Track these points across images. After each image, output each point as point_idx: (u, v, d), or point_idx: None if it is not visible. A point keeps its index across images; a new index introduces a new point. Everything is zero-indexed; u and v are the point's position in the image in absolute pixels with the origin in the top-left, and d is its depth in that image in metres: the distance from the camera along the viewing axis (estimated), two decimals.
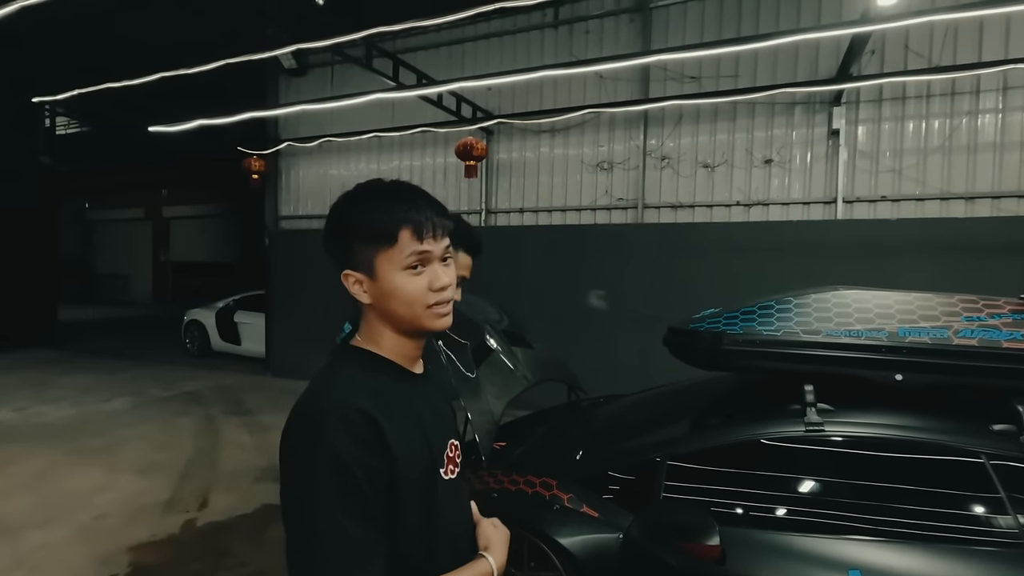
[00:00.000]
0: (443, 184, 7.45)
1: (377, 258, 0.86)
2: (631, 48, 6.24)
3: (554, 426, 3.16)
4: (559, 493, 2.24)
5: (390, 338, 0.91)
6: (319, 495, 0.77)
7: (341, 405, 0.80)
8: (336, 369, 0.89)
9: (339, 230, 0.89)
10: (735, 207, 5.92)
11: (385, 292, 0.87)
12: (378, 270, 0.86)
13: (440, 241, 0.90)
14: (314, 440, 0.79)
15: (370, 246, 0.86)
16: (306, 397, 0.86)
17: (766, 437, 2.08)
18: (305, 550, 0.78)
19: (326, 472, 0.76)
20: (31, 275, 10.19)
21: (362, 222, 0.87)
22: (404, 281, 0.86)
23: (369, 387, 0.85)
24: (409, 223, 0.86)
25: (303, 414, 0.84)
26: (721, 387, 2.77)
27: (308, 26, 5.47)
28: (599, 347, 5.93)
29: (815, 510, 1.94)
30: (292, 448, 0.82)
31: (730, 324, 2.43)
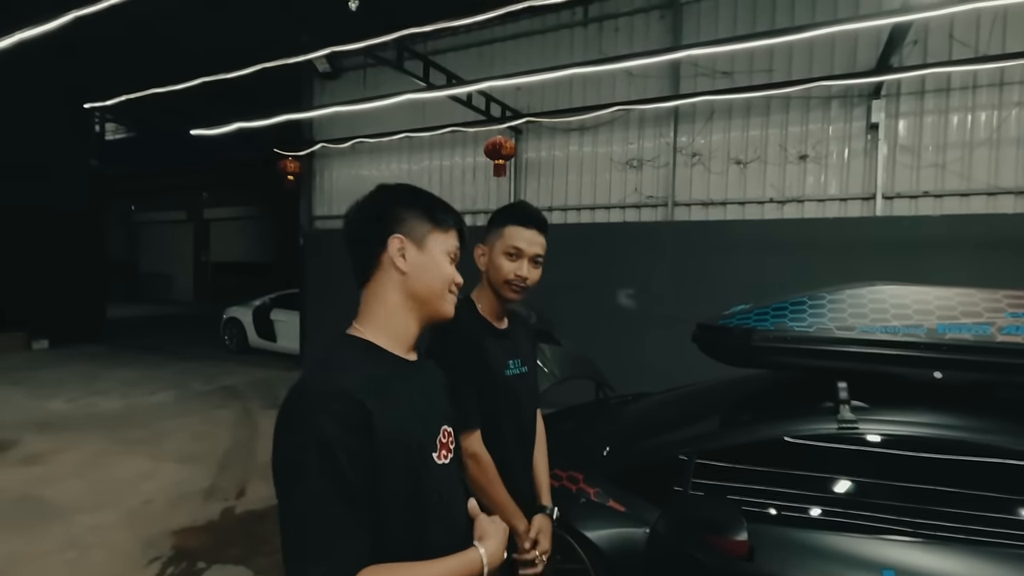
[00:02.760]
0: (472, 183, 7.52)
1: (431, 235, 1.00)
2: (661, 44, 6.18)
3: (581, 423, 3.16)
4: (586, 487, 2.25)
5: (398, 318, 0.98)
6: (303, 473, 0.82)
7: (327, 389, 0.85)
8: (330, 355, 0.93)
9: (400, 200, 1.00)
10: (768, 204, 5.80)
11: (425, 263, 0.98)
12: (427, 244, 0.99)
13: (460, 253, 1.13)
14: (300, 422, 0.84)
15: (428, 223, 1.00)
16: (299, 382, 0.89)
17: (797, 434, 2.05)
18: (292, 524, 0.82)
19: (310, 452, 0.82)
20: (82, 274, 10.70)
21: (427, 203, 1.03)
22: (443, 260, 1.01)
23: (360, 372, 0.89)
24: (461, 226, 1.08)
25: (293, 398, 0.87)
26: (751, 385, 2.73)
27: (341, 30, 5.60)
28: (628, 346, 5.89)
29: (847, 509, 1.90)
30: (282, 429, 0.86)
31: (761, 320, 2.40)
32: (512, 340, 1.66)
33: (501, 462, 1.55)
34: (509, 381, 1.60)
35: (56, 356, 9.11)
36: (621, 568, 2.06)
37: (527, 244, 1.56)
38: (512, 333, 1.67)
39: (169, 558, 3.03)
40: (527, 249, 1.56)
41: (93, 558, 3.01)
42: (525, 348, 1.72)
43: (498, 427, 1.58)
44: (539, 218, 1.62)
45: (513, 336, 1.67)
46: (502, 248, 1.55)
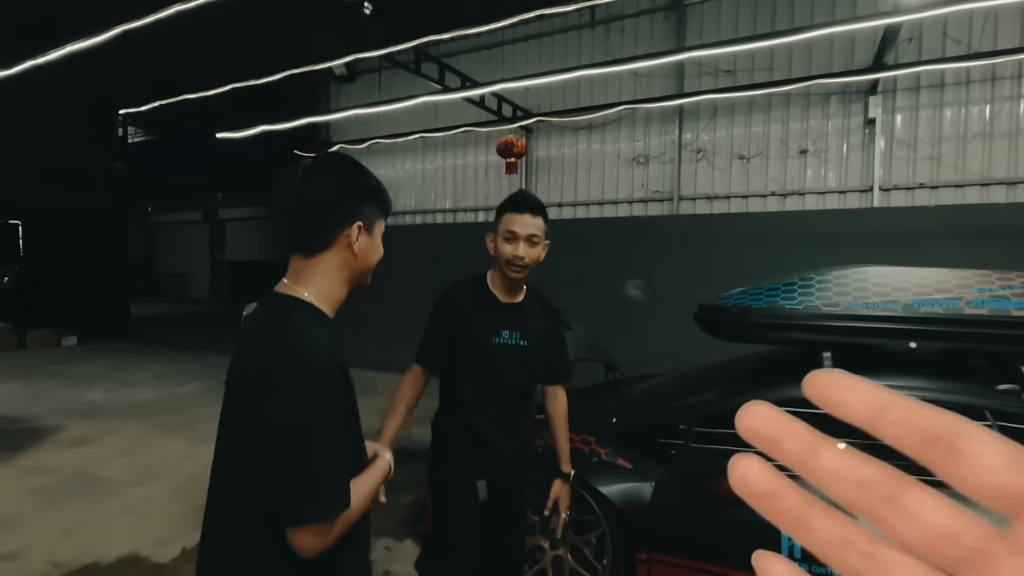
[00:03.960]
0: (484, 181, 7.78)
1: (378, 222, 1.14)
2: (666, 45, 6.42)
3: (592, 399, 3.43)
4: (597, 448, 2.52)
5: (340, 289, 1.11)
6: (319, 429, 0.95)
7: (328, 362, 1.00)
8: (304, 320, 1.02)
9: (361, 192, 1.10)
10: (770, 197, 6.03)
11: (371, 246, 1.12)
12: (374, 230, 1.13)
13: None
14: (310, 388, 0.95)
15: (378, 213, 1.14)
16: (294, 347, 0.97)
17: (784, 399, 2.30)
18: (310, 470, 0.94)
19: (323, 412, 0.96)
20: (108, 273, 11.09)
21: (378, 194, 1.15)
22: (379, 242, 1.16)
23: (331, 341, 1.04)
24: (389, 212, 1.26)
25: (296, 368, 0.95)
26: (748, 360, 2.98)
27: (357, 34, 5.89)
28: (636, 333, 6.14)
29: None
30: (291, 393, 0.94)
31: (755, 300, 2.65)
32: (517, 314, 1.83)
33: (464, 417, 1.79)
34: (495, 348, 1.78)
35: (86, 351, 9.50)
36: (629, 517, 2.33)
37: (521, 227, 1.74)
38: (521, 308, 1.84)
39: None
40: (521, 232, 1.74)
41: (150, 523, 3.32)
42: (533, 324, 1.86)
43: (470, 382, 1.79)
44: (532, 202, 1.78)
45: (521, 311, 1.84)
46: (501, 233, 1.76)
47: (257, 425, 0.95)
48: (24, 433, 5.00)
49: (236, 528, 1.01)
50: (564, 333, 2.05)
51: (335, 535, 0.97)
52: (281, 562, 0.98)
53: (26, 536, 3.15)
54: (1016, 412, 1.99)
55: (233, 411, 1.02)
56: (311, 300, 1.06)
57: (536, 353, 1.87)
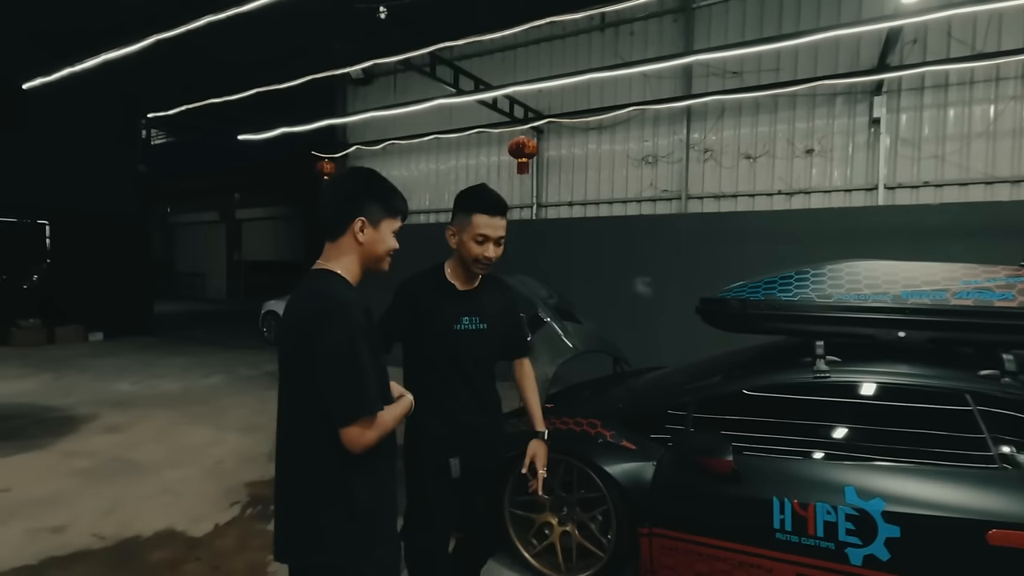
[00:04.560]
0: (496, 181, 7.97)
1: (384, 220, 1.44)
2: (675, 47, 6.56)
3: (600, 389, 3.59)
4: (603, 430, 2.68)
5: (354, 267, 1.44)
6: (357, 349, 1.28)
7: (358, 304, 1.34)
8: (337, 286, 1.37)
9: (366, 192, 1.43)
10: (777, 196, 6.14)
11: (376, 239, 1.43)
12: (380, 226, 1.44)
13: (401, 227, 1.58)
14: (348, 321, 1.30)
15: (383, 211, 1.43)
16: (336, 301, 1.31)
17: (779, 383, 2.45)
18: (354, 380, 1.27)
19: (359, 336, 1.30)
20: (132, 272, 11.46)
21: (384, 195, 1.45)
22: (388, 236, 1.46)
23: (358, 295, 1.38)
24: (405, 213, 1.52)
25: (337, 308, 1.30)
26: (749, 351, 3.13)
27: (372, 38, 6.09)
28: (644, 328, 6.29)
29: (818, 441, 2.31)
30: (335, 323, 1.29)
31: (754, 292, 2.80)
32: (475, 300, 1.97)
33: (436, 402, 1.91)
34: (458, 335, 1.91)
35: (112, 346, 9.84)
36: (633, 494, 2.49)
37: (492, 230, 1.85)
38: (477, 294, 1.99)
39: (247, 502, 3.55)
40: (492, 234, 1.85)
41: (185, 501, 3.55)
42: (490, 307, 2.00)
43: (434, 369, 1.93)
44: (502, 204, 1.90)
45: (478, 297, 1.98)
46: (471, 234, 1.85)
47: (316, 353, 1.28)
48: (61, 421, 5.28)
49: (300, 439, 1.36)
50: (518, 309, 2.22)
51: (374, 436, 1.30)
52: (333, 459, 1.32)
53: (71, 512, 3.38)
54: (996, 396, 2.12)
55: (292, 349, 1.36)
56: (339, 271, 1.41)
57: (496, 334, 2.03)
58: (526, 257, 7.03)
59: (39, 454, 4.38)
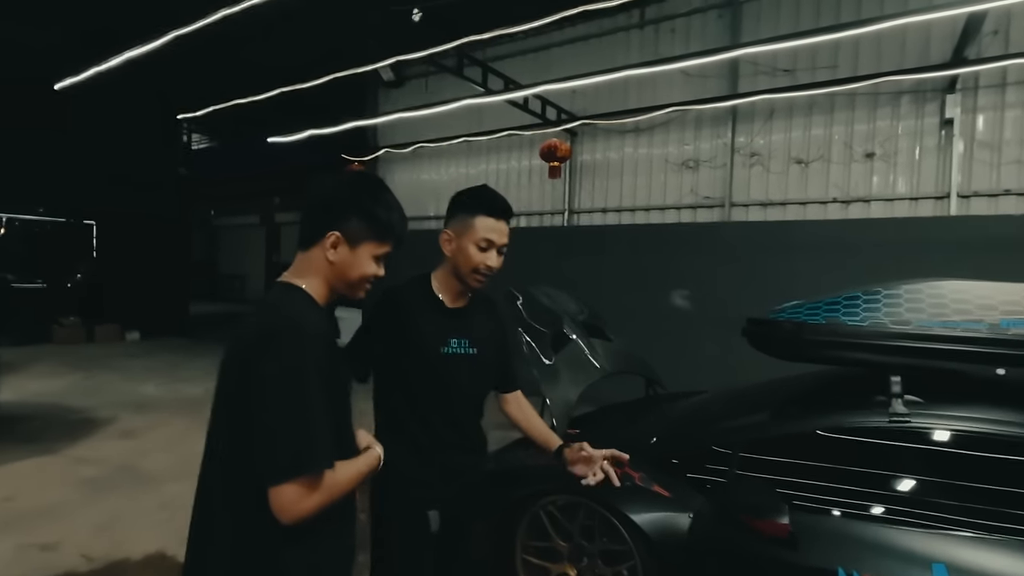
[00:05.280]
0: (527, 186, 7.67)
1: (366, 243, 1.17)
2: (719, 44, 6.13)
3: (629, 415, 3.22)
4: (630, 471, 2.32)
5: (322, 285, 1.19)
6: (306, 389, 1.02)
7: (315, 331, 1.09)
8: (296, 300, 1.14)
9: (353, 204, 1.16)
10: (832, 204, 5.62)
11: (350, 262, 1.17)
12: (359, 248, 1.17)
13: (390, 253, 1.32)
14: (299, 351, 1.04)
15: (367, 232, 1.17)
16: (290, 324, 1.06)
17: (846, 427, 2.05)
18: (296, 427, 1.00)
19: (312, 370, 1.03)
20: (170, 273, 11.67)
21: (373, 214, 1.17)
22: (367, 262, 1.19)
23: (319, 319, 1.13)
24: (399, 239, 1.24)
25: (289, 334, 1.04)
26: (802, 381, 2.71)
27: (405, 40, 5.91)
28: (682, 346, 5.85)
29: (897, 503, 1.89)
30: (280, 354, 1.02)
31: (812, 315, 2.40)
32: (464, 320, 1.66)
33: (419, 438, 1.59)
34: (445, 360, 1.60)
35: (146, 346, 9.97)
36: (664, 550, 2.12)
37: (498, 236, 1.59)
38: (467, 313, 1.68)
39: None
40: (498, 240, 1.59)
41: (181, 520, 3.33)
42: (481, 329, 1.70)
43: (412, 399, 1.61)
44: (509, 208, 1.64)
45: (467, 316, 1.68)
46: (473, 239, 1.57)
47: (251, 383, 1.02)
48: (80, 424, 5.23)
49: (220, 498, 1.08)
50: (510, 335, 1.92)
51: (314, 503, 0.99)
52: (255, 537, 1.02)
53: (65, 527, 3.23)
54: None
55: (228, 379, 1.09)
56: (305, 287, 1.17)
57: (487, 361, 1.72)
58: (554, 266, 6.69)
59: (49, 460, 4.29)
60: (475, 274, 1.59)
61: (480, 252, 1.57)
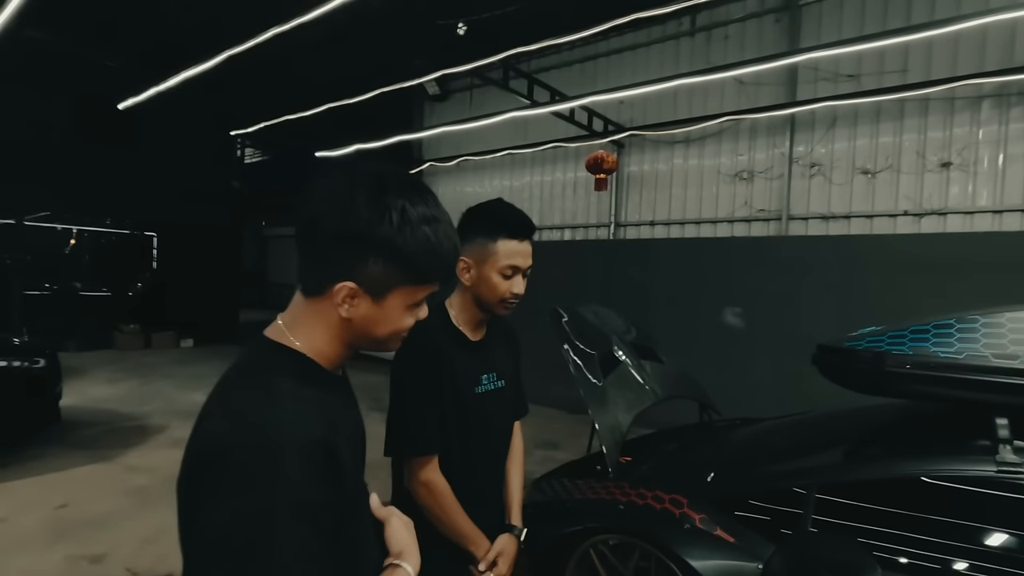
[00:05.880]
0: (572, 198, 7.53)
1: (397, 290, 0.80)
2: (777, 50, 5.84)
3: (684, 445, 3.02)
4: (690, 512, 2.13)
5: (335, 345, 0.82)
6: (278, 546, 0.64)
7: (312, 438, 0.70)
8: (279, 381, 0.74)
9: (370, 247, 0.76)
10: (902, 217, 5.23)
11: (376, 318, 0.81)
12: (388, 298, 0.80)
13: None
14: (276, 481, 0.65)
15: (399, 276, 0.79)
16: (246, 422, 0.69)
17: (943, 475, 1.80)
18: None
19: (287, 519, 0.65)
20: (223, 282, 12.12)
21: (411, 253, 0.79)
22: (401, 314, 0.83)
23: (317, 406, 0.75)
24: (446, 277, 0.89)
25: (247, 445, 0.67)
26: (882, 416, 2.45)
27: (451, 54, 5.90)
28: (736, 368, 5.54)
29: (1006, 565, 1.63)
30: (234, 488, 0.66)
31: (896, 343, 2.16)
32: (487, 352, 1.52)
33: (472, 488, 1.44)
34: (481, 399, 1.47)
35: (198, 353, 10.31)
36: None
37: (523, 259, 1.41)
38: (488, 344, 1.53)
39: None
40: (523, 264, 1.41)
41: None
42: (503, 359, 1.57)
43: (467, 451, 1.44)
44: (531, 224, 1.45)
45: (489, 347, 1.54)
46: (496, 267, 1.39)
47: (191, 533, 0.69)
48: (133, 431, 5.38)
49: None
50: (520, 358, 1.71)
51: None
52: None
53: (114, 538, 3.27)
54: None
55: (179, 509, 0.74)
56: (302, 349, 0.80)
57: (513, 393, 1.61)
58: (600, 281, 6.51)
59: (103, 467, 4.41)
60: (502, 304, 1.44)
61: (505, 280, 1.40)
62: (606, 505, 2.31)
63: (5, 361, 4.32)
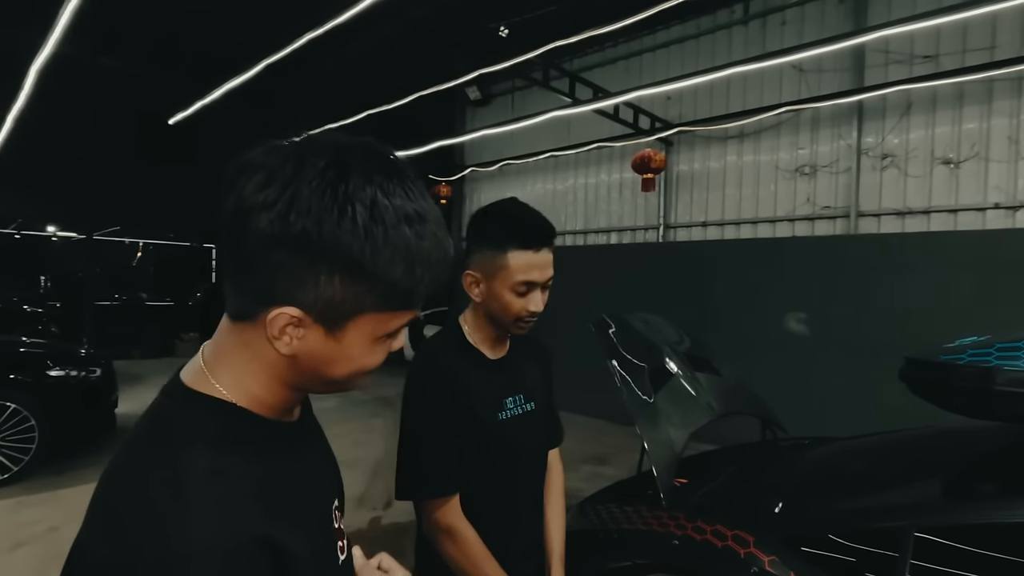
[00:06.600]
0: (619, 200, 7.24)
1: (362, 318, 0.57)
2: (840, 32, 5.40)
3: (746, 468, 2.71)
4: (758, 553, 1.84)
5: (274, 392, 0.60)
6: None
7: (219, 542, 0.49)
8: (180, 461, 0.52)
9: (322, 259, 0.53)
10: (992, 211, 4.69)
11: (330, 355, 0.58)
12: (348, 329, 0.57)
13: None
14: None
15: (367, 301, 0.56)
16: (128, 544, 0.49)
17: None
18: None
19: None
20: None
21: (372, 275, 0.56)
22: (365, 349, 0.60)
23: (247, 484, 0.54)
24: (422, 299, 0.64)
25: (138, 563, 0.48)
26: (994, 440, 2.09)
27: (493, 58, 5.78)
28: (800, 379, 5.10)
29: None
30: None
31: (1008, 358, 1.82)
32: (511, 371, 1.32)
33: (502, 531, 1.24)
34: (506, 426, 1.26)
35: None
36: None
37: (540, 273, 1.18)
38: (512, 362, 1.33)
39: None
40: (541, 278, 1.19)
41: None
42: (531, 377, 1.37)
43: (493, 488, 1.25)
44: (549, 229, 1.21)
45: (513, 365, 1.33)
46: (508, 282, 1.17)
47: None
48: None
49: None
50: (552, 376, 1.48)
51: None
52: None
53: None
54: None
55: None
56: (228, 396, 0.57)
57: (545, 416, 1.39)
58: (649, 287, 6.18)
59: None
60: (518, 323, 1.22)
61: (519, 298, 1.18)
62: (659, 538, 2.05)
63: (63, 371, 4.46)
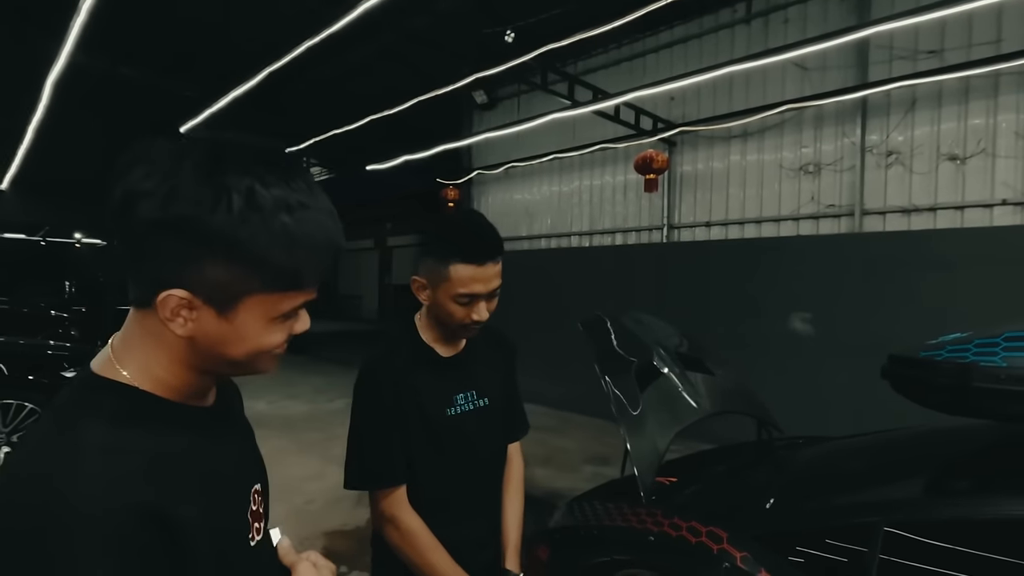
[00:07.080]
0: (623, 202, 7.24)
1: (253, 299, 0.61)
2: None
3: (734, 467, 2.71)
4: (730, 548, 1.85)
5: (177, 375, 0.64)
6: None
7: (107, 508, 0.51)
8: (80, 434, 0.55)
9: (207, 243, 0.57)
10: (999, 208, 4.60)
11: (225, 336, 0.62)
12: (239, 310, 0.62)
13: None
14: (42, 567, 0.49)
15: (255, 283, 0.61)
16: (24, 489, 0.52)
17: None
18: None
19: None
20: None
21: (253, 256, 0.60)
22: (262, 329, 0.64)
23: (140, 457, 0.56)
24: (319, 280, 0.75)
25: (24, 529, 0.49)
26: (977, 439, 2.07)
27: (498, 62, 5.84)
28: (807, 379, 5.05)
29: None
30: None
31: (985, 354, 1.81)
32: (464, 368, 1.34)
33: (454, 523, 1.27)
34: (457, 421, 1.29)
35: None
36: None
37: (483, 285, 1.19)
38: (466, 359, 1.35)
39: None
40: (483, 291, 1.20)
41: None
42: (485, 375, 1.38)
43: (444, 481, 1.28)
44: (494, 244, 1.21)
45: (467, 362, 1.35)
46: (450, 293, 1.19)
47: None
48: None
49: None
50: (515, 370, 1.50)
51: None
52: None
53: None
54: None
55: None
56: (132, 381, 0.61)
57: (504, 411, 1.42)
58: (652, 287, 6.17)
59: None
60: (463, 329, 1.26)
61: (461, 307, 1.20)
62: (636, 535, 2.08)
63: (74, 372, 4.61)
